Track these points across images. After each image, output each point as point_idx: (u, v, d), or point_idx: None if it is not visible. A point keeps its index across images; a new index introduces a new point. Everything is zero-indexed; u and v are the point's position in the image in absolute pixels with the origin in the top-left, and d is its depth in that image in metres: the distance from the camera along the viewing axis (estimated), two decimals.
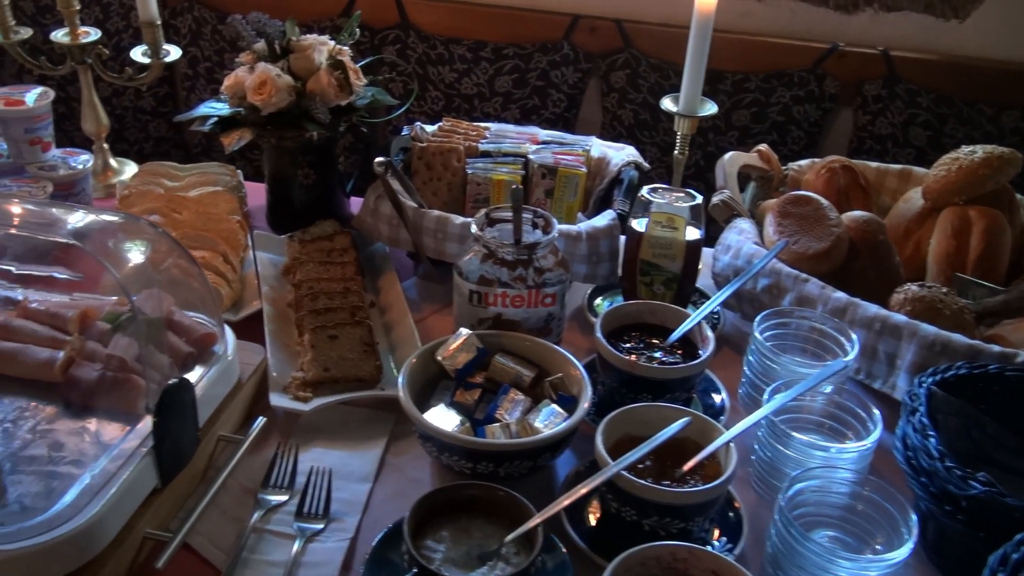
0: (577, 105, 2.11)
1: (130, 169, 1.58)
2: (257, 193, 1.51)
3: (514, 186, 1.13)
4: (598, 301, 1.35)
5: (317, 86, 1.33)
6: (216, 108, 1.39)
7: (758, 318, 1.13)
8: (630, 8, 2.00)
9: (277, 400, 1.07)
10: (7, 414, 0.94)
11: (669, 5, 1.97)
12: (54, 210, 1.05)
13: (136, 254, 0.92)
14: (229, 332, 1.07)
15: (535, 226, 1.16)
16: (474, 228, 1.14)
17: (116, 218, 1.00)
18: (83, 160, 1.44)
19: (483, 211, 1.17)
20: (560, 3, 2.04)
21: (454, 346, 1.06)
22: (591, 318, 1.29)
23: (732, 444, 0.92)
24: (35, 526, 0.79)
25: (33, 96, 1.41)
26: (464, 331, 1.08)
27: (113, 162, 1.57)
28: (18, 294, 1.14)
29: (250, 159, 2.25)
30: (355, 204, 1.53)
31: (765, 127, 2.01)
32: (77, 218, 0.95)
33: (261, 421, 1.04)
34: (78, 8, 1.43)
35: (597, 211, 1.36)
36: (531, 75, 2.08)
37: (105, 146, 1.56)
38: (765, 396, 1.01)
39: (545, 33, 2.06)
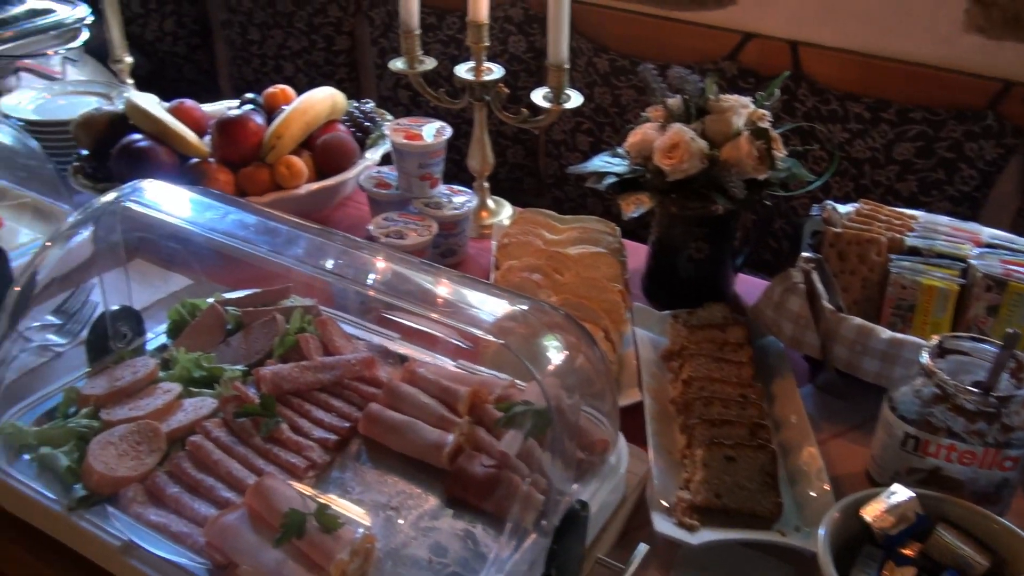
0: (990, 185, 1.81)
1: (506, 211, 1.52)
2: (633, 253, 1.38)
3: (1011, 331, 0.91)
4: None
5: (734, 155, 1.17)
6: (612, 164, 1.28)
7: None
8: None
9: (661, 525, 0.93)
10: (391, 498, 0.87)
11: None
12: (456, 286, 0.97)
13: (554, 352, 0.80)
14: (621, 437, 0.94)
15: (1006, 369, 0.93)
16: (925, 358, 0.94)
17: (525, 306, 0.89)
18: (466, 201, 1.39)
19: (936, 339, 0.96)
20: (991, 66, 1.75)
21: (886, 506, 0.87)
22: None
23: None
24: None
25: (431, 131, 1.38)
26: (901, 490, 0.87)
27: (490, 202, 1.51)
28: (396, 344, 1.09)
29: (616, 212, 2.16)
30: (742, 282, 1.37)
31: None
32: (480, 300, 0.87)
33: (643, 549, 0.90)
34: (487, 44, 1.38)
35: None
36: (940, 145, 1.80)
37: (486, 185, 1.51)
38: None
39: (964, 99, 1.78)
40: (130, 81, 1.82)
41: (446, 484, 0.87)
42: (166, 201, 0.99)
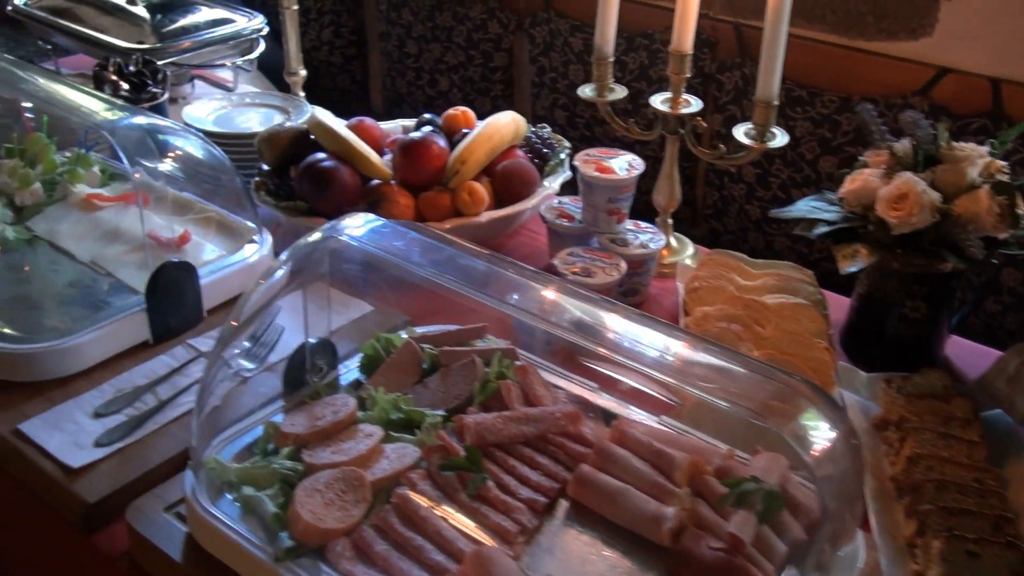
0: None
1: (688, 250, 1.44)
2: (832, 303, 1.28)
3: None
4: None
5: (972, 210, 1.07)
6: (820, 210, 1.19)
7: None
8: None
9: None
10: (606, 571, 0.80)
11: None
12: (659, 333, 0.91)
13: (817, 431, 0.72)
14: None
15: None
16: None
17: (756, 370, 0.82)
18: (654, 238, 1.32)
19: None
20: None
21: None
22: None
23: None
24: None
25: (623, 165, 1.32)
26: None
27: (673, 240, 1.43)
28: (593, 394, 1.03)
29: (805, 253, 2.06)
30: (953, 344, 1.25)
31: None
32: (687, 352, 0.82)
33: None
34: (687, 76, 1.31)
35: None
36: None
37: (669, 221, 1.43)
38: None
39: None
40: (302, 94, 1.81)
41: (668, 565, 0.80)
42: (363, 231, 0.96)
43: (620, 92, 1.40)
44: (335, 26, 2.78)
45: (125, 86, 1.58)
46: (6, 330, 1.07)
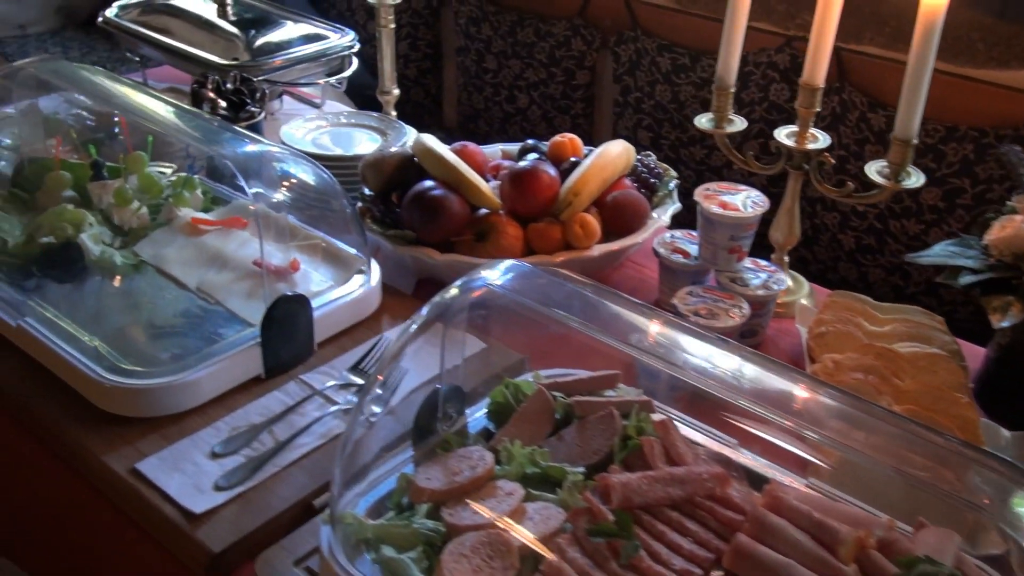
0: None
1: (804, 289, 1.38)
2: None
3: None
4: None
5: None
6: (960, 256, 1.13)
7: None
8: None
9: None
10: None
11: None
12: (802, 387, 0.86)
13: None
14: None
15: None
16: None
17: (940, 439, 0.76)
18: (775, 278, 1.26)
19: None
20: None
21: None
22: None
23: None
24: None
25: (746, 201, 1.26)
26: None
27: (787, 278, 1.37)
28: (739, 453, 0.97)
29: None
30: None
31: None
32: (834, 407, 0.77)
33: None
34: (816, 110, 1.25)
35: None
36: None
37: (785, 258, 1.37)
38: None
39: None
40: (393, 113, 1.78)
41: None
42: (505, 279, 0.92)
43: (739, 124, 1.35)
44: (411, 39, 2.75)
45: (223, 104, 1.55)
46: (122, 364, 1.04)
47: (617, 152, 1.38)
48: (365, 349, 1.16)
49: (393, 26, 1.72)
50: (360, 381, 1.11)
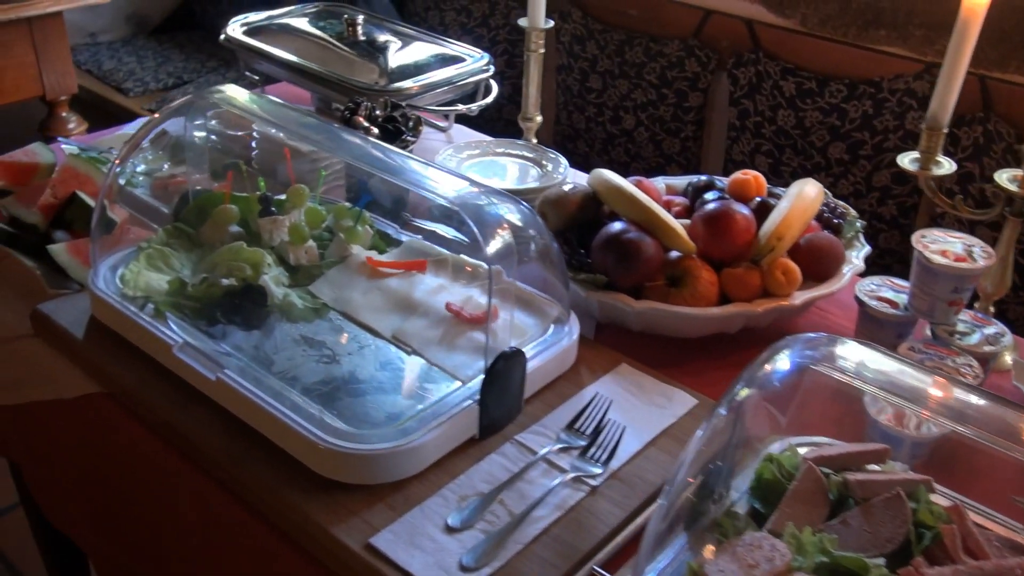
0: None
1: (1007, 338, 1.30)
2: None
3: None
4: None
5: None
6: None
7: None
8: None
9: None
10: None
11: None
12: None
13: None
14: None
15: None
16: None
17: None
18: (1001, 334, 1.18)
19: None
20: None
21: None
22: None
23: None
24: None
25: (971, 251, 1.18)
26: None
27: (1009, 333, 1.29)
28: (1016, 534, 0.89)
29: None
30: None
31: None
32: None
33: None
34: None
35: None
36: None
37: (991, 309, 1.29)
38: None
39: None
40: (534, 140, 1.70)
41: None
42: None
43: (948, 166, 1.27)
44: (508, 55, 2.68)
45: (375, 131, 1.48)
46: (336, 425, 0.96)
47: (813, 196, 1.30)
48: (575, 406, 1.09)
49: (542, 51, 1.65)
50: (582, 443, 1.03)
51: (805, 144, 2.14)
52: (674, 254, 1.25)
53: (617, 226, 1.24)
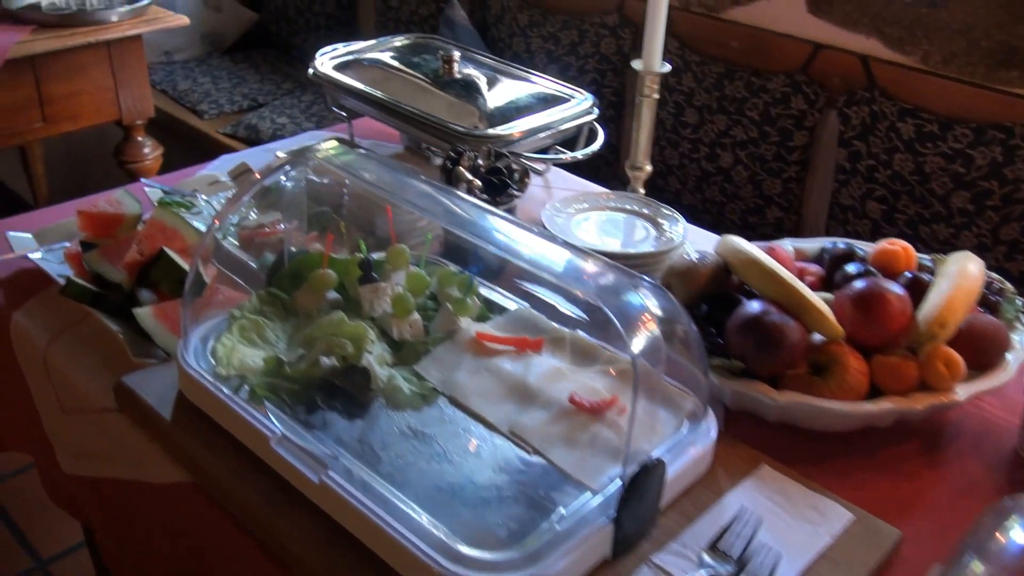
0: None
1: None
2: None
3: None
4: None
5: None
6: None
7: None
8: None
9: None
10: None
11: None
12: None
13: None
14: None
15: None
16: None
17: None
18: None
19: None
20: None
21: None
22: None
23: None
24: None
25: None
26: None
27: None
28: None
29: None
30: None
31: None
32: None
33: None
34: None
35: None
36: None
37: None
38: None
39: None
40: (641, 190, 1.58)
41: None
42: None
43: None
44: (596, 85, 2.56)
45: (478, 183, 1.37)
46: (459, 550, 0.85)
47: (977, 273, 1.16)
48: (715, 519, 0.96)
49: (657, 96, 1.53)
50: (729, 568, 0.90)
51: (924, 191, 1.98)
52: (817, 337, 1.12)
53: (756, 306, 1.11)
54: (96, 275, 1.25)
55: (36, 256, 1.33)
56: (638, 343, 0.87)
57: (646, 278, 0.98)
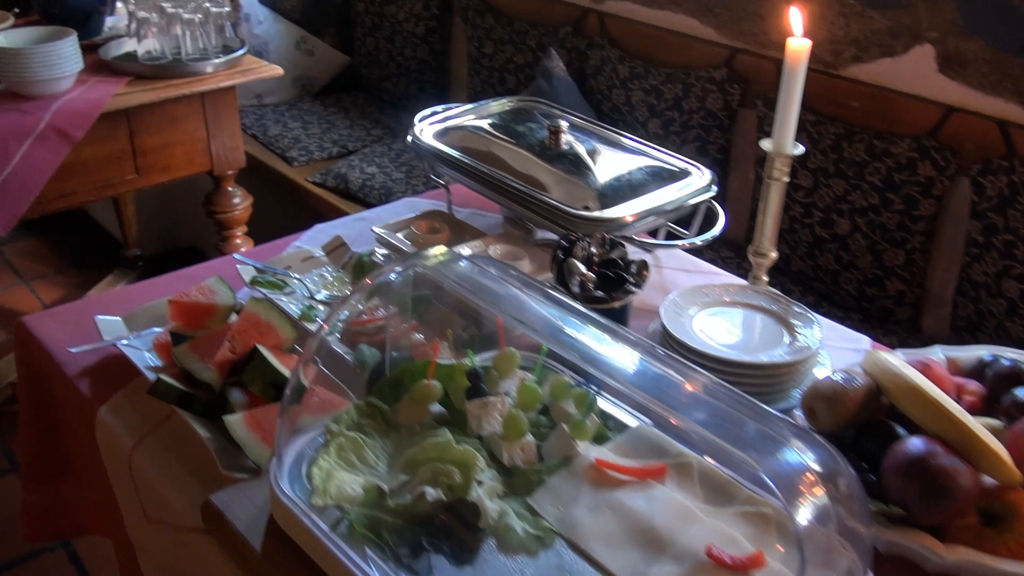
0: None
1: None
2: None
3: None
4: None
5: None
6: None
7: None
8: None
9: None
10: None
11: None
12: None
13: None
14: None
15: None
16: None
17: None
18: None
19: None
20: None
21: None
22: None
23: None
24: None
25: None
26: None
27: None
28: None
29: None
30: None
31: None
32: None
33: None
34: None
35: None
36: None
37: None
38: None
39: None
40: (765, 278, 1.45)
41: None
42: None
43: None
44: (701, 141, 2.43)
45: (592, 276, 1.26)
46: None
47: None
48: None
49: (787, 179, 1.40)
50: None
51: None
52: (989, 480, 0.98)
53: (920, 445, 0.97)
54: (185, 372, 1.17)
55: (124, 343, 1.27)
56: (804, 513, 0.75)
57: (791, 421, 0.86)
